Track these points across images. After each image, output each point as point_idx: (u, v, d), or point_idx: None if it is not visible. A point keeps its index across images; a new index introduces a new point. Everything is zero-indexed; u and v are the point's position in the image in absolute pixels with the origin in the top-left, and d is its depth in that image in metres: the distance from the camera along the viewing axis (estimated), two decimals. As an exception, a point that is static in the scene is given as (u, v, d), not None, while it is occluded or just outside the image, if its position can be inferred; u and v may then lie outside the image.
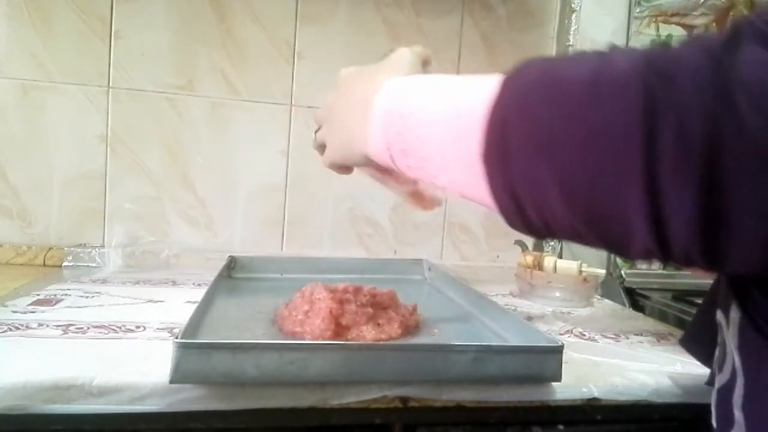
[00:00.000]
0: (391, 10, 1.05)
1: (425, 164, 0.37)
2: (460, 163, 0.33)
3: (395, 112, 0.39)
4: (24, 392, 0.45)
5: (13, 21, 0.93)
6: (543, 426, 0.56)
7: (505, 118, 0.30)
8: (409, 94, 0.39)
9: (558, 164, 0.28)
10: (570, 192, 0.28)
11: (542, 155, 0.28)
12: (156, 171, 0.99)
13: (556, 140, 0.28)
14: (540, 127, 0.28)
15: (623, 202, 0.26)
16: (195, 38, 0.99)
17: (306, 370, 0.48)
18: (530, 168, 0.29)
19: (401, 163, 0.39)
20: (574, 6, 1.07)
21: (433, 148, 0.36)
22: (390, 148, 0.39)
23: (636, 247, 0.27)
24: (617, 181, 0.26)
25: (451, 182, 0.36)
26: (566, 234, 0.30)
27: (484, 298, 0.72)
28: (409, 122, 0.37)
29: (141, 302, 0.73)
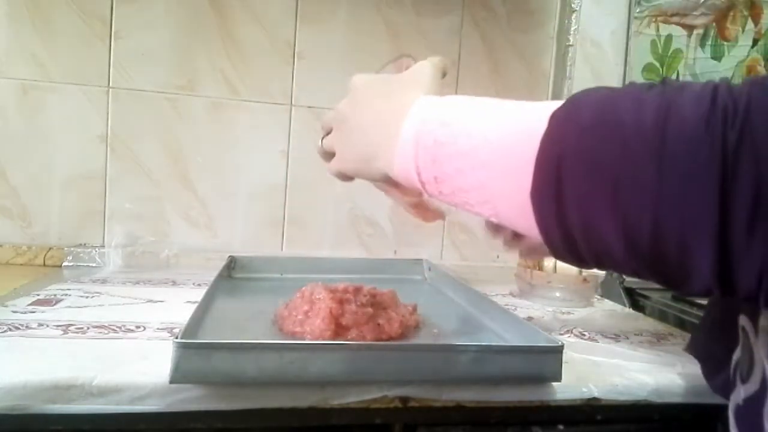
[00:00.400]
0: (391, 10, 1.05)
1: (463, 195, 0.35)
2: (505, 199, 0.32)
3: (430, 138, 0.36)
4: (24, 392, 0.45)
5: (13, 21, 0.93)
6: (543, 426, 0.56)
7: (561, 157, 0.29)
8: (445, 120, 0.36)
9: (620, 210, 0.27)
10: (632, 239, 0.27)
11: (602, 198, 0.27)
12: (156, 171, 0.99)
13: (619, 185, 0.27)
14: (600, 169, 0.27)
15: (691, 251, 0.26)
16: (195, 38, 0.99)
17: (306, 370, 0.48)
18: (587, 210, 0.28)
19: (432, 189, 0.37)
20: (574, 6, 1.07)
21: (474, 181, 0.34)
22: (421, 174, 0.37)
23: (696, 288, 0.27)
24: (686, 230, 0.26)
25: (493, 214, 0.34)
26: (620, 270, 0.30)
27: (484, 298, 0.72)
28: (446, 151, 0.35)
29: (141, 302, 0.73)
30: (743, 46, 1.18)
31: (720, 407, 0.57)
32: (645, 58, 1.16)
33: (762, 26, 1.18)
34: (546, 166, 0.29)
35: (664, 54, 1.16)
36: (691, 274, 0.27)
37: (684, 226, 0.26)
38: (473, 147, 0.34)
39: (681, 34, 1.16)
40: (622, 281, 1.02)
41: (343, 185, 1.06)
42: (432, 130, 0.36)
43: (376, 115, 0.42)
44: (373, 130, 0.43)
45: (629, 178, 0.27)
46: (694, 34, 1.17)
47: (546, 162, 0.29)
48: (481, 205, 0.35)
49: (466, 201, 0.35)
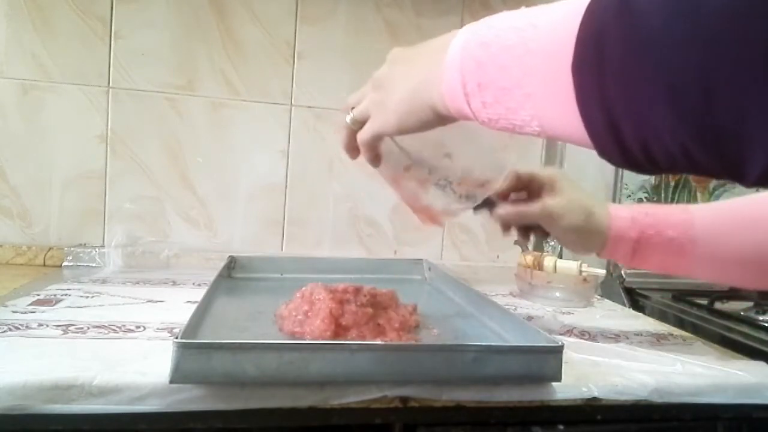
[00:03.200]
0: (391, 10, 1.05)
1: (505, 97, 0.34)
2: (547, 84, 0.31)
3: (475, 43, 0.36)
4: (24, 392, 0.45)
5: (13, 21, 0.93)
6: (543, 426, 0.56)
7: (602, 21, 0.27)
8: (491, 23, 0.37)
9: (666, 64, 0.24)
10: (681, 96, 0.24)
11: (646, 54, 0.25)
12: (156, 171, 0.99)
13: (664, 37, 0.24)
14: (643, 23, 0.25)
15: (745, 110, 0.23)
16: (195, 38, 0.99)
17: (306, 370, 0.48)
18: (630, 70, 0.26)
19: (476, 102, 0.36)
20: (574, 6, 1.07)
21: (516, 74, 0.33)
22: (466, 84, 0.36)
23: (754, 168, 0.24)
24: (740, 85, 0.22)
25: (534, 114, 0.33)
26: (669, 156, 0.27)
27: (484, 298, 0.72)
28: (490, 51, 0.35)
29: (141, 302, 0.73)
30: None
31: (720, 407, 0.58)
32: (645, 58, 1.16)
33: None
34: (586, 36, 0.28)
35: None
36: (747, 145, 0.23)
37: (737, 79, 0.22)
38: (517, 36, 0.33)
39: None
40: (623, 281, 1.02)
41: (342, 185, 1.07)
42: (478, 35, 0.37)
43: (421, 55, 0.42)
44: (417, 65, 0.43)
45: (675, 28, 0.24)
46: None
47: (586, 32, 0.28)
48: (521, 107, 0.33)
49: (507, 106, 0.34)
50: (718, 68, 0.23)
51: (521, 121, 0.34)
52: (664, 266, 0.61)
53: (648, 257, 0.60)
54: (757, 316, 0.82)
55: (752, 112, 0.22)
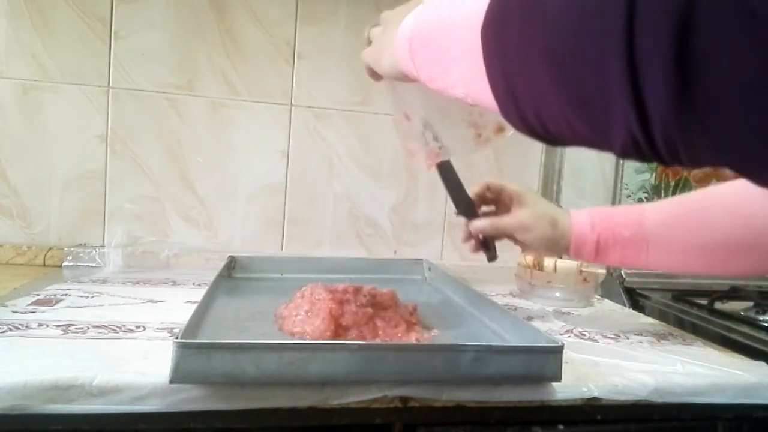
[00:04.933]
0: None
1: (438, 60, 0.39)
2: (465, 52, 0.34)
3: (423, 15, 0.42)
4: (24, 392, 0.45)
5: (13, 21, 0.93)
6: (543, 426, 0.56)
7: (505, 13, 0.30)
8: (432, 5, 0.41)
9: (545, 30, 0.27)
10: (556, 60, 0.27)
11: (533, 22, 0.28)
12: (156, 171, 0.99)
13: (546, 6, 0.27)
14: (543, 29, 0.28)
15: (604, 71, 0.25)
16: (195, 38, 0.99)
17: (306, 370, 0.48)
18: (524, 41, 0.29)
19: (418, 60, 0.42)
20: (574, 6, 1.07)
21: (446, 42, 0.38)
22: (412, 48, 0.42)
23: (618, 132, 0.26)
24: (598, 46, 0.25)
25: (459, 78, 0.37)
26: (558, 126, 0.29)
27: (484, 298, 0.72)
28: (430, 22, 0.40)
29: (141, 302, 0.73)
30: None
31: (720, 407, 0.58)
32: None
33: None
34: (492, 8, 0.31)
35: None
36: (610, 108, 0.25)
37: (595, 41, 0.24)
38: (450, 10, 0.38)
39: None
40: (623, 281, 1.02)
41: (342, 185, 1.07)
42: (426, 9, 0.42)
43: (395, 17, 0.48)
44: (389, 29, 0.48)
45: (549, 7, 0.27)
46: None
47: (493, 4, 0.31)
48: (450, 68, 0.38)
49: (442, 69, 0.39)
50: (582, 26, 0.25)
51: (451, 83, 0.39)
52: (624, 262, 0.68)
53: (609, 255, 0.67)
54: (757, 316, 0.82)
55: (610, 72, 0.24)
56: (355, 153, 1.06)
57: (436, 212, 1.10)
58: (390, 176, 1.08)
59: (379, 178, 1.07)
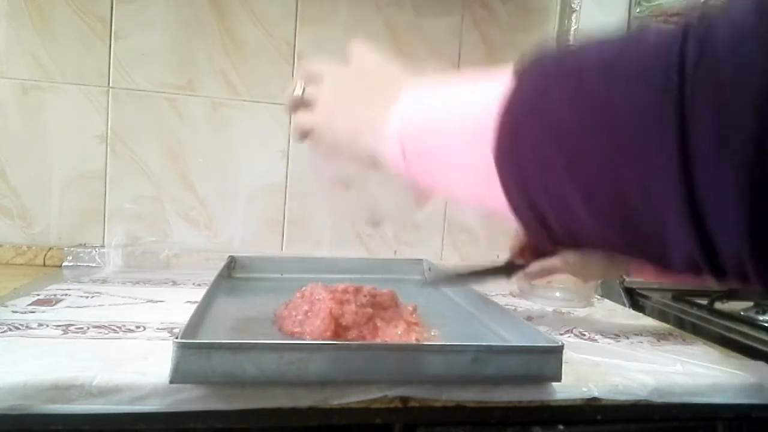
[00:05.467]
0: (391, 10, 1.05)
1: (437, 172, 0.35)
2: (475, 170, 0.30)
3: (412, 122, 0.37)
4: (24, 392, 0.45)
5: (13, 21, 0.93)
6: (543, 426, 0.56)
7: (516, 112, 0.27)
8: (426, 101, 0.37)
9: (575, 160, 0.24)
10: (591, 192, 0.24)
11: (557, 149, 0.25)
12: (156, 171, 0.99)
13: (571, 132, 0.24)
14: (553, 117, 0.25)
15: (655, 197, 0.22)
16: (195, 38, 0.99)
17: (306, 370, 0.48)
18: (544, 168, 0.25)
19: (416, 169, 0.37)
20: (574, 6, 1.07)
21: (447, 156, 0.33)
22: (405, 152, 0.36)
23: (676, 254, 0.23)
24: (646, 171, 0.22)
25: (467, 194, 0.33)
26: (596, 244, 0.27)
27: (484, 298, 0.72)
28: (424, 134, 0.35)
29: (141, 302, 0.73)
30: (743, 46, 1.18)
31: (720, 407, 0.58)
32: (645, 58, 1.16)
33: (762, 26, 1.18)
34: (504, 126, 0.28)
35: (664, 54, 1.16)
36: (664, 232, 0.22)
37: (642, 166, 0.22)
38: (447, 118, 0.34)
39: (681, 34, 1.16)
40: (623, 281, 1.02)
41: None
42: (414, 112, 0.37)
43: (370, 95, 0.44)
44: (363, 109, 0.43)
45: (581, 123, 0.24)
46: None
47: (504, 122, 0.28)
48: (454, 186, 0.34)
49: (442, 182, 0.35)
50: (624, 154, 0.23)
51: (455, 195, 0.35)
52: None
53: None
54: (757, 316, 0.82)
55: (665, 209, 0.22)
56: (355, 153, 1.06)
57: (436, 212, 1.10)
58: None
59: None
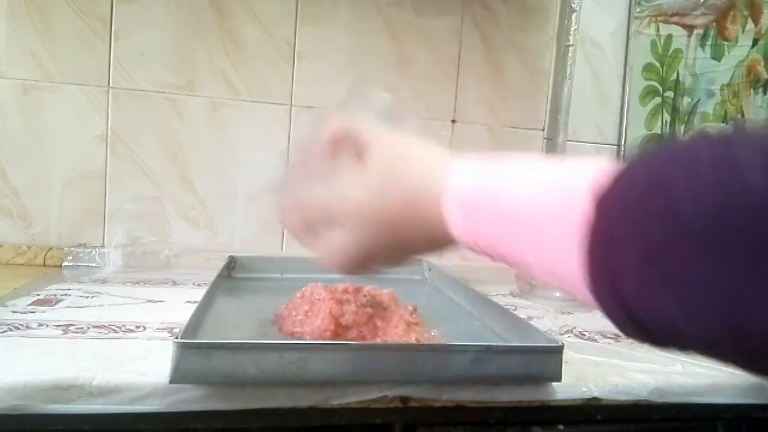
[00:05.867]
0: (391, 10, 1.05)
1: (518, 259, 0.33)
2: (560, 266, 0.30)
3: (474, 205, 0.33)
4: (24, 392, 0.45)
5: (13, 21, 0.93)
6: (543, 426, 0.56)
7: (605, 222, 0.26)
8: (488, 184, 0.33)
9: (685, 301, 0.24)
10: (705, 336, 0.24)
11: (652, 264, 0.24)
12: (156, 171, 0.99)
13: (667, 248, 0.24)
14: (658, 258, 0.24)
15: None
16: (195, 38, 0.99)
17: (306, 370, 0.48)
18: (651, 300, 0.25)
19: (482, 240, 0.34)
20: (574, 6, 1.07)
21: (527, 248, 0.32)
22: (468, 222, 0.34)
23: None
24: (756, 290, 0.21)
25: (540, 269, 0.32)
26: (697, 351, 0.27)
27: (484, 298, 0.72)
28: (493, 217, 0.32)
29: (141, 302, 0.73)
30: (743, 46, 1.18)
31: (720, 407, 0.58)
32: (645, 58, 1.16)
33: (762, 26, 1.18)
34: (596, 248, 0.27)
35: (664, 54, 1.16)
36: None
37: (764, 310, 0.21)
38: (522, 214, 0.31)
39: (681, 34, 1.16)
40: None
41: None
42: (477, 197, 0.34)
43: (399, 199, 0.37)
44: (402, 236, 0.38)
45: (688, 264, 0.23)
46: (694, 34, 1.17)
47: (596, 241, 0.27)
48: (536, 271, 0.33)
49: (519, 266, 0.33)
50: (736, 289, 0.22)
51: (522, 268, 0.33)
52: None
53: None
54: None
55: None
56: (355, 153, 1.06)
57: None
58: (390, 176, 1.08)
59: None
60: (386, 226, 0.38)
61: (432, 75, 1.08)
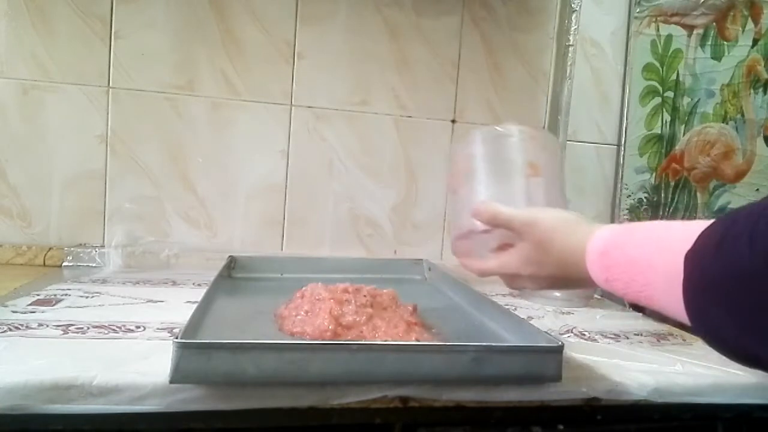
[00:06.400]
0: (391, 10, 1.05)
1: (637, 286, 0.42)
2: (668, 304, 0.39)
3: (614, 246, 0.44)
4: (24, 392, 0.45)
5: (13, 21, 0.93)
6: (543, 426, 0.56)
7: (696, 286, 0.35)
8: (624, 231, 0.45)
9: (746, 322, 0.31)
10: None
11: (731, 312, 0.32)
12: (156, 171, 0.99)
13: (741, 302, 0.31)
14: (723, 295, 0.32)
15: None
16: (195, 38, 0.99)
17: (306, 370, 0.48)
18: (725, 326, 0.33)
19: (617, 286, 0.44)
20: (574, 6, 1.07)
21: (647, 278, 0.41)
22: (608, 268, 0.44)
23: None
24: None
25: (665, 311, 0.40)
26: None
27: (484, 298, 0.72)
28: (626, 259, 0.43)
29: (141, 302, 0.73)
30: (743, 46, 1.18)
31: (720, 407, 0.58)
32: (645, 58, 1.16)
33: (762, 26, 1.18)
34: (688, 296, 0.35)
35: (664, 54, 1.16)
36: None
37: None
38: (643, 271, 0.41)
39: (681, 34, 1.16)
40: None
41: (342, 185, 1.07)
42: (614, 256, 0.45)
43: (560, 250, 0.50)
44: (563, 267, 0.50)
45: (744, 299, 0.31)
46: (694, 34, 1.17)
47: (687, 292, 0.35)
48: (647, 299, 0.41)
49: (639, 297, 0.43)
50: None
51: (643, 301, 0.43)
52: None
53: None
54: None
55: None
56: (355, 153, 1.06)
57: (436, 212, 1.10)
58: (390, 176, 1.08)
59: (379, 178, 1.07)
60: (547, 281, 0.53)
61: (432, 75, 1.08)
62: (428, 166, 1.09)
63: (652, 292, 0.40)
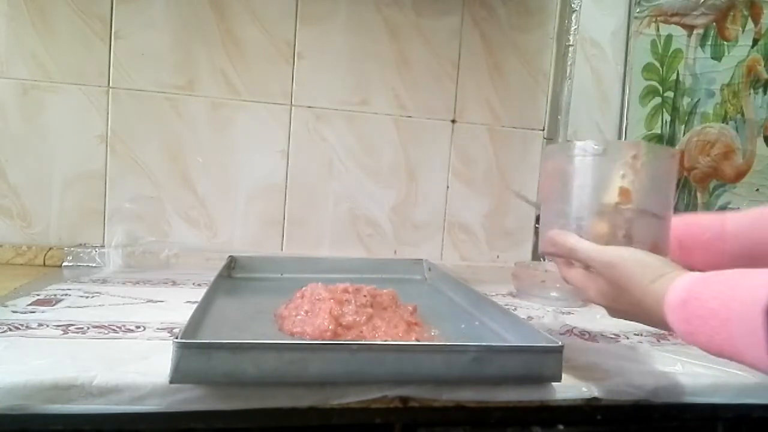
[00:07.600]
0: (391, 10, 1.05)
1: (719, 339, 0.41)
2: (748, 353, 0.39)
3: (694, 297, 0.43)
4: (24, 392, 0.45)
5: (13, 21, 0.93)
6: (543, 426, 0.56)
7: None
8: (701, 280, 0.44)
9: None
10: None
11: None
12: (156, 171, 0.99)
13: None
14: None
15: None
16: (195, 38, 0.99)
17: (306, 370, 0.48)
18: None
19: (698, 339, 0.44)
20: (574, 6, 1.07)
21: (721, 339, 0.41)
22: (688, 319, 0.44)
23: None
24: None
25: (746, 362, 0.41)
26: None
27: (484, 298, 0.72)
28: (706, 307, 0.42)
29: (141, 302, 0.73)
30: (743, 46, 1.18)
31: (720, 407, 0.58)
32: (645, 58, 1.16)
33: (762, 26, 1.18)
34: None
35: (664, 54, 1.16)
36: None
37: None
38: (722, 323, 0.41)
39: (681, 34, 1.16)
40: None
41: (342, 185, 1.07)
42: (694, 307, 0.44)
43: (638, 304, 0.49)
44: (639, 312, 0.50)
45: None
46: (694, 34, 1.17)
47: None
48: (726, 350, 0.42)
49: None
50: None
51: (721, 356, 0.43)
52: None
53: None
54: (757, 316, 0.81)
55: None
56: (355, 153, 1.06)
57: (436, 212, 1.10)
58: (390, 176, 1.08)
59: (379, 178, 1.07)
60: (620, 314, 0.53)
61: (432, 75, 1.08)
62: (428, 166, 1.09)
63: (736, 347, 0.40)
